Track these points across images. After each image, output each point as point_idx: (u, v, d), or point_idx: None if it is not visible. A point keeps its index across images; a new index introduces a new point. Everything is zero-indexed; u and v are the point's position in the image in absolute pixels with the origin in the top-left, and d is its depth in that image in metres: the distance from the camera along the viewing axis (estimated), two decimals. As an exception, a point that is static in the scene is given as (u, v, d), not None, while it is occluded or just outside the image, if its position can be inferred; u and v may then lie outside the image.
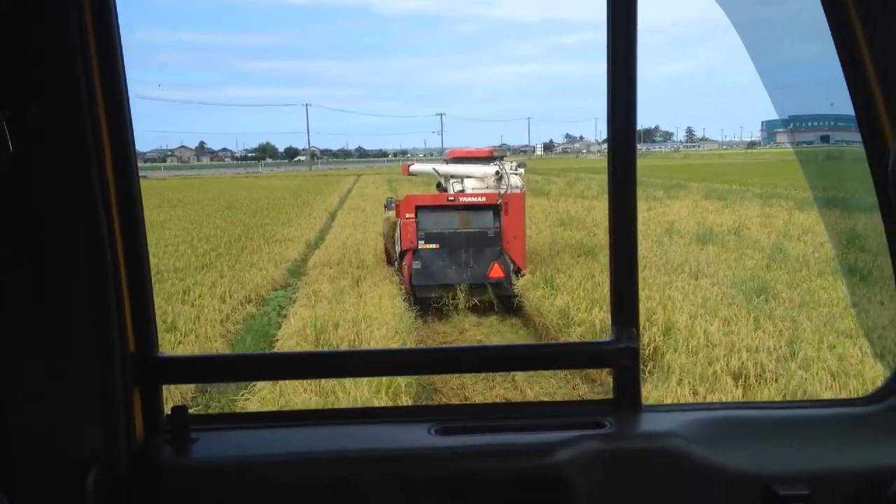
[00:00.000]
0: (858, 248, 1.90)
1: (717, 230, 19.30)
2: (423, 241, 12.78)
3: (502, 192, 13.23)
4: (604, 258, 15.22)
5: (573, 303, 11.33)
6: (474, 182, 13.92)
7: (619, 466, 1.57)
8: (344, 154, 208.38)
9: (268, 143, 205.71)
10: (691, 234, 18.83)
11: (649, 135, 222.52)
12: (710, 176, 46.15)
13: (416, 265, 12.71)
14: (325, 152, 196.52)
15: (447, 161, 15.45)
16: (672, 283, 12.45)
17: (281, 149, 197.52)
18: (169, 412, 1.74)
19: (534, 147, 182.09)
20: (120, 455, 1.63)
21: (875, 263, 1.76)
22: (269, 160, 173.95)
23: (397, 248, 13.41)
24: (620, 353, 1.65)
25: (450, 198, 13.36)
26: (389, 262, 14.92)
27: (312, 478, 1.60)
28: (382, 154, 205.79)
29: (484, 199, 13.19)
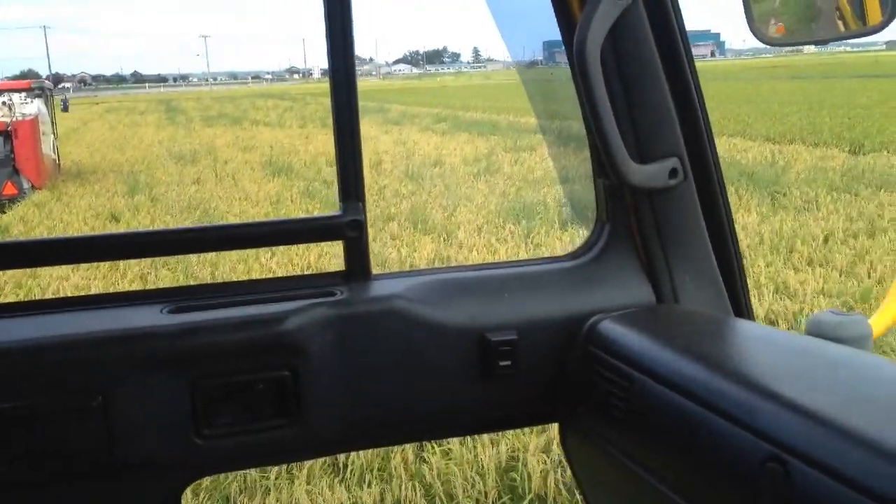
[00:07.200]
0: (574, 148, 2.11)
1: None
2: None
3: (13, 119, 15.40)
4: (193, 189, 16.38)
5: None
6: None
7: (350, 329, 1.66)
8: (118, 80, 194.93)
9: (30, 70, 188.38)
10: (311, 155, 20.27)
11: (437, 55, 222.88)
12: (428, 99, 47.71)
13: None
14: (96, 78, 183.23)
15: None
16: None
17: (45, 75, 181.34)
18: None
19: (310, 70, 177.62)
20: None
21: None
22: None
23: None
24: (348, 226, 1.71)
25: None
26: None
27: (33, 366, 1.51)
28: (161, 79, 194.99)
29: None
